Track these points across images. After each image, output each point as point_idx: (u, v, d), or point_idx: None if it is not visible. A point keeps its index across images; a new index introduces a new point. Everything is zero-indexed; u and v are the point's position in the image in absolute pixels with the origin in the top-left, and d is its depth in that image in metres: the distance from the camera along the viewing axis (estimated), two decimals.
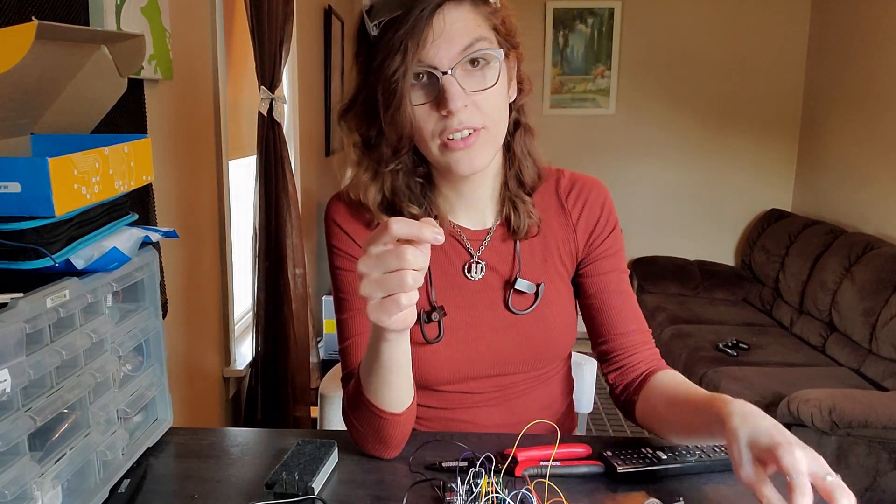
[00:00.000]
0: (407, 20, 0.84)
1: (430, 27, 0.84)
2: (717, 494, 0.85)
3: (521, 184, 1.02)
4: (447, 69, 0.85)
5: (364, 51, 0.91)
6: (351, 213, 1.01)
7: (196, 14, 1.89)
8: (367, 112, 0.93)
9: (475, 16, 0.88)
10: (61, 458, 0.74)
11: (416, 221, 0.69)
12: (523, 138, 1.01)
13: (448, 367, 1.00)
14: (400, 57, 0.84)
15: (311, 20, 3.22)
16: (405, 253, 0.68)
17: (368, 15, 0.88)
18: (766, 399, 2.78)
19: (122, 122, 1.41)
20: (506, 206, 1.02)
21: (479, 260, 1.02)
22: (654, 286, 4.33)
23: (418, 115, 0.88)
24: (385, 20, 0.86)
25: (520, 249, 1.03)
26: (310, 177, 3.27)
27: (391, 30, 0.85)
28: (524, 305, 1.02)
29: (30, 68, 0.77)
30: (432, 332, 1.00)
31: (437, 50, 0.85)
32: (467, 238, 1.03)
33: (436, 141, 0.89)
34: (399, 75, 0.85)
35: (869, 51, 3.74)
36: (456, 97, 0.85)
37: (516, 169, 1.00)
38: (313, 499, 0.81)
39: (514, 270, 1.02)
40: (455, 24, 0.85)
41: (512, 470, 0.86)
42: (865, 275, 3.25)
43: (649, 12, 4.48)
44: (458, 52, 0.86)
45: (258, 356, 2.33)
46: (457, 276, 1.02)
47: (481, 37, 0.87)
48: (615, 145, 4.62)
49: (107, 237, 0.84)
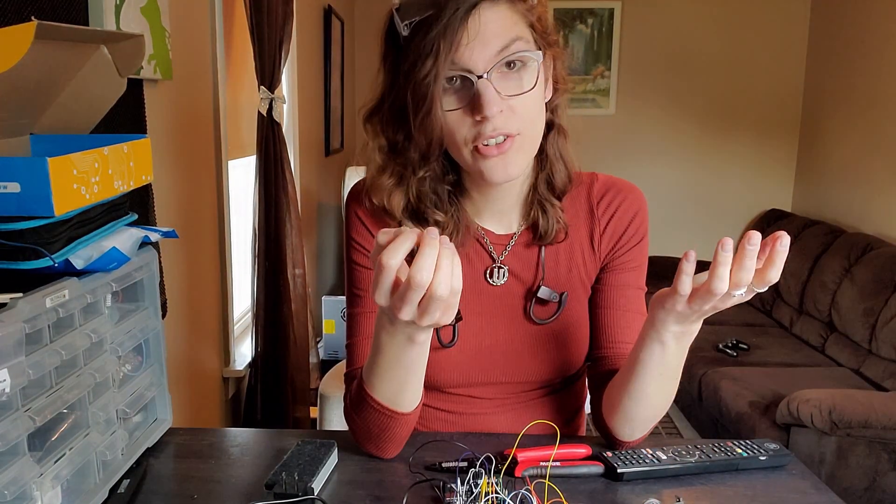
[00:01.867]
0: (440, 21, 0.79)
1: (464, 28, 0.80)
2: (717, 494, 0.85)
3: (551, 187, 0.97)
4: (482, 73, 0.81)
5: (392, 52, 0.87)
6: (373, 211, 0.97)
7: (196, 14, 1.89)
8: (395, 116, 0.88)
9: (512, 14, 0.83)
10: (61, 458, 0.74)
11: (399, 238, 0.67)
12: (556, 140, 0.96)
13: (459, 371, 0.98)
14: (432, 60, 0.80)
15: (311, 20, 3.22)
16: (416, 280, 0.66)
17: (398, 14, 0.83)
18: (766, 399, 2.77)
19: (122, 122, 1.41)
20: (534, 209, 0.97)
21: (502, 265, 0.98)
22: (655, 286, 4.27)
23: (450, 121, 0.84)
24: (416, 20, 0.82)
25: (544, 256, 0.98)
26: (309, 177, 3.27)
27: (422, 31, 0.81)
28: (545, 315, 0.98)
29: (29, 68, 0.76)
30: (447, 335, 0.97)
31: (471, 52, 0.81)
32: (491, 242, 0.98)
33: (468, 147, 0.85)
34: (430, 79, 0.80)
35: (869, 51, 3.74)
36: (491, 102, 0.80)
37: (548, 172, 0.96)
38: (313, 499, 0.81)
39: (537, 278, 0.98)
40: (491, 24, 0.81)
41: (512, 470, 0.86)
42: (865, 275, 3.25)
43: (649, 12, 4.48)
44: (494, 53, 0.81)
45: (258, 356, 2.33)
46: (478, 280, 0.99)
47: (518, 36, 0.83)
48: (615, 145, 4.62)
49: (106, 237, 0.84)
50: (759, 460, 0.90)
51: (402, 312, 0.69)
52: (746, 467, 0.90)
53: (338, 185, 3.83)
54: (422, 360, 0.83)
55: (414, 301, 0.68)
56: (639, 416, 0.91)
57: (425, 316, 0.69)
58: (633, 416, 0.91)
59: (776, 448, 0.92)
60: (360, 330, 0.98)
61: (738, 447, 0.92)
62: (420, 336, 0.77)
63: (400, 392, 0.85)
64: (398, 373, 0.82)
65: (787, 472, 0.90)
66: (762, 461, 0.90)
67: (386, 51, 0.88)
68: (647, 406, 0.90)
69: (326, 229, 3.65)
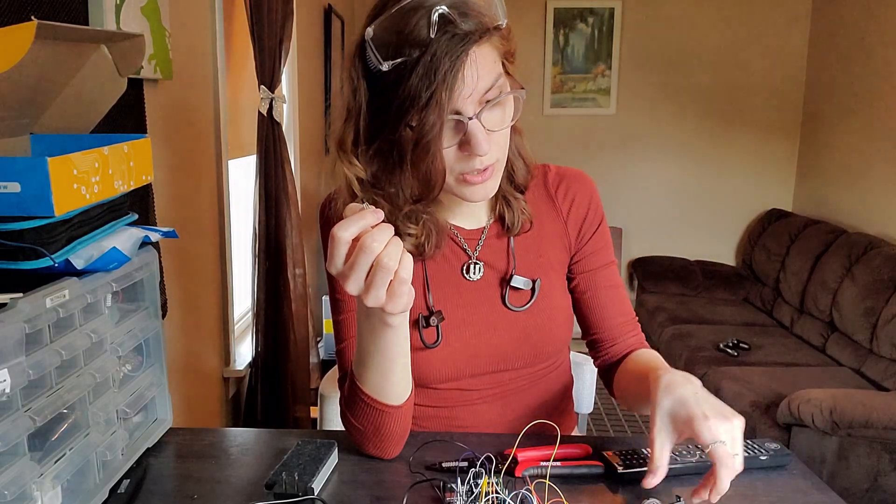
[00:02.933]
0: (435, 70, 0.78)
1: (461, 78, 0.79)
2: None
3: (514, 183, 1.02)
4: (472, 114, 0.82)
5: (366, 81, 0.85)
6: None
7: (196, 14, 1.89)
8: (376, 152, 0.88)
9: (492, 50, 0.84)
10: (61, 458, 0.74)
11: (356, 214, 0.71)
12: (514, 140, 0.98)
13: (447, 365, 1.01)
14: (435, 114, 0.79)
15: (311, 20, 3.22)
16: (366, 245, 0.69)
17: (376, 48, 0.81)
18: (767, 399, 2.77)
19: (122, 122, 1.41)
20: (499, 203, 1.02)
21: (478, 261, 1.03)
22: (655, 286, 4.33)
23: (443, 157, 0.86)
24: (401, 62, 0.79)
25: (514, 246, 1.04)
26: (310, 176, 3.26)
27: (412, 75, 0.78)
28: (521, 302, 1.03)
29: (30, 68, 0.77)
30: (430, 336, 0.99)
31: (464, 97, 0.81)
32: (464, 238, 1.03)
33: (453, 175, 0.88)
34: (435, 132, 0.80)
35: (869, 50, 3.74)
36: (483, 142, 0.83)
37: (508, 169, 0.99)
38: (313, 499, 0.81)
39: (509, 267, 1.03)
40: (479, 67, 0.81)
41: (512, 470, 0.86)
42: (866, 275, 3.25)
43: (650, 12, 4.48)
44: (481, 95, 0.82)
45: (258, 356, 2.32)
46: (455, 277, 1.03)
47: (499, 73, 0.84)
48: (615, 145, 4.62)
49: (106, 237, 0.84)
50: (760, 460, 0.90)
51: (349, 281, 0.71)
52: (747, 467, 0.89)
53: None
54: (400, 348, 0.84)
55: (362, 268, 0.70)
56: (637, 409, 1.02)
57: (371, 290, 0.71)
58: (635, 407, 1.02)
59: (777, 448, 0.92)
60: (347, 334, 1.00)
61: None
62: (391, 319, 0.79)
63: (384, 381, 0.86)
64: (378, 359, 0.84)
65: (787, 472, 0.90)
66: (763, 461, 0.90)
67: (356, 76, 0.85)
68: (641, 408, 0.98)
69: None
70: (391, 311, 0.73)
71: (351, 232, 0.70)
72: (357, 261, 0.70)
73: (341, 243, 0.70)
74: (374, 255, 0.69)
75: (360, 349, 0.86)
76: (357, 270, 0.70)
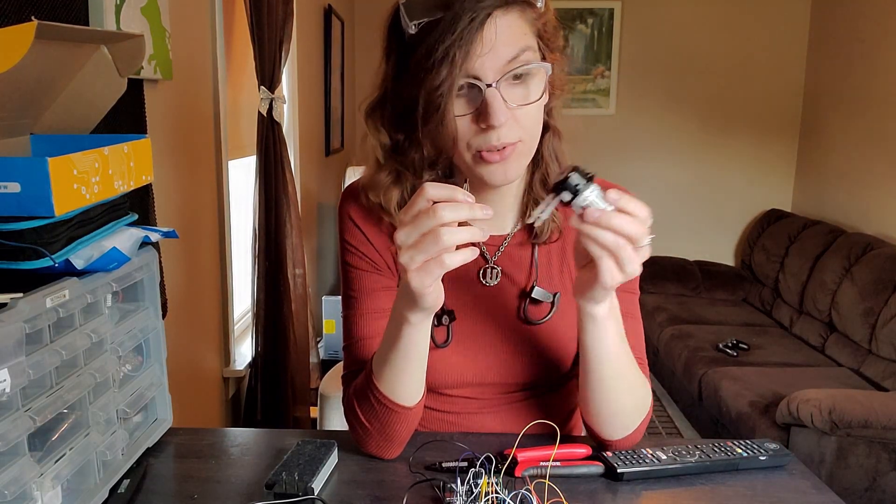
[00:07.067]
0: (454, 28, 0.78)
1: (480, 37, 0.78)
2: (717, 494, 0.85)
3: (546, 187, 0.97)
4: (492, 82, 0.80)
5: (397, 48, 0.86)
6: (366, 212, 0.98)
7: (196, 14, 1.89)
8: (398, 115, 0.88)
9: (522, 22, 0.82)
10: (61, 458, 0.74)
11: (451, 185, 0.71)
12: (552, 142, 0.96)
13: (455, 372, 0.99)
14: (446, 70, 0.79)
15: (311, 20, 3.22)
16: (437, 209, 0.69)
17: (405, 10, 0.82)
18: (766, 399, 2.77)
19: (122, 122, 1.41)
20: (529, 208, 0.98)
21: (495, 265, 0.99)
22: (654, 286, 4.32)
23: (456, 126, 0.84)
24: (426, 21, 0.81)
25: (538, 256, 1.00)
26: (309, 177, 3.26)
27: (433, 34, 0.79)
28: (539, 315, 0.99)
29: (29, 68, 0.77)
30: (441, 335, 0.98)
31: (483, 61, 0.80)
32: (484, 243, 0.98)
33: (471, 152, 0.85)
34: (445, 89, 0.80)
35: (869, 51, 3.74)
36: (499, 112, 0.80)
37: (542, 172, 0.96)
38: (313, 499, 0.81)
39: (530, 278, 0.99)
40: (503, 33, 0.80)
41: (512, 470, 0.86)
42: (865, 275, 3.25)
43: (649, 12, 4.48)
44: (503, 63, 0.81)
45: (258, 356, 2.33)
46: (471, 280, 0.99)
47: (527, 46, 0.82)
48: (615, 145, 4.62)
49: (106, 237, 0.84)
50: (759, 460, 0.90)
51: (403, 231, 0.72)
52: (746, 467, 0.90)
53: (338, 185, 3.84)
54: (418, 347, 0.85)
55: (423, 225, 0.70)
56: (606, 411, 0.91)
57: (411, 250, 0.72)
58: (600, 410, 0.91)
59: (776, 448, 0.93)
60: (355, 332, 0.98)
61: (737, 447, 0.92)
62: (413, 316, 0.80)
63: (399, 380, 0.87)
64: (396, 356, 0.85)
65: (787, 472, 0.90)
66: (762, 461, 0.90)
67: (389, 45, 0.88)
68: (612, 400, 0.90)
69: (326, 229, 3.65)
70: (414, 285, 0.73)
71: (439, 193, 0.71)
72: (420, 220, 0.71)
73: (423, 198, 0.71)
74: (440, 222, 0.70)
75: (383, 345, 0.87)
76: (417, 226, 0.71)
